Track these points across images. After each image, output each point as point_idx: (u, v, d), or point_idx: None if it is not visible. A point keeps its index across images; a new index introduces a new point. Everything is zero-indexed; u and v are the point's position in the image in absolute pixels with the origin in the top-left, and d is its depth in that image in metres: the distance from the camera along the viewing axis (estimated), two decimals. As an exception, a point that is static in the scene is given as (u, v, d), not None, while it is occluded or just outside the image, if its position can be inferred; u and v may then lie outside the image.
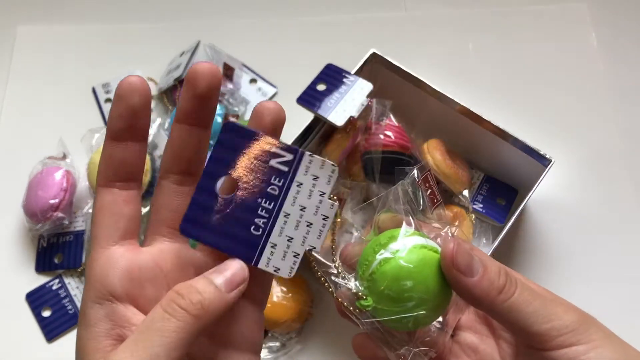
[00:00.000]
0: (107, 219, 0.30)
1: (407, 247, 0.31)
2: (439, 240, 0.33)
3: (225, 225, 0.30)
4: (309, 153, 0.30)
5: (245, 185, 0.30)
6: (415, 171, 0.34)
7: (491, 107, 0.69)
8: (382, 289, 0.30)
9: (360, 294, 0.31)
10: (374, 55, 0.67)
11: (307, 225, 0.30)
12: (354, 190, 0.68)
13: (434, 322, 0.34)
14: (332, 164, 0.30)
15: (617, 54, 0.84)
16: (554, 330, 0.30)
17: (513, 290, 0.31)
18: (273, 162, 0.30)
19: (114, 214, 0.30)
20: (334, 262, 0.32)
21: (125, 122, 0.29)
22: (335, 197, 0.30)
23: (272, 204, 0.30)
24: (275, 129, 0.31)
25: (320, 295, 0.68)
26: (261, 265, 0.30)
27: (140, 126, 0.30)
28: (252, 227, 0.30)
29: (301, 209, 0.30)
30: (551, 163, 0.61)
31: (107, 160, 0.30)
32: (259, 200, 0.30)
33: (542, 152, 0.62)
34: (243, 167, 0.30)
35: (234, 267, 0.29)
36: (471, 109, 0.64)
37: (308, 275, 0.67)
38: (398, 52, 0.70)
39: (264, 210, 0.30)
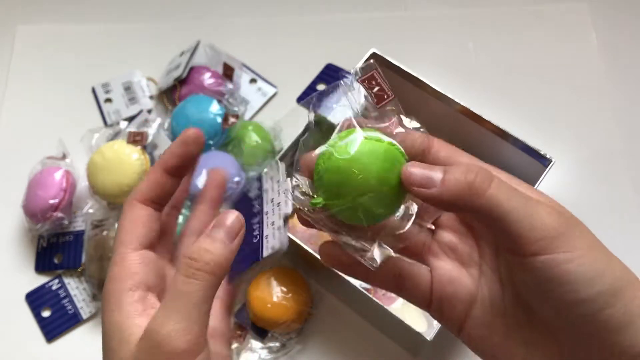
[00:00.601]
0: (139, 228, 0.35)
1: (349, 141, 0.30)
2: (396, 132, 0.32)
3: (240, 253, 0.34)
4: (265, 171, 0.40)
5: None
6: (355, 69, 0.34)
7: (491, 107, 0.69)
8: (327, 183, 0.30)
9: (311, 194, 0.31)
10: (374, 55, 0.67)
11: (278, 205, 0.37)
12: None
13: (398, 215, 0.32)
14: (277, 161, 0.38)
15: (617, 54, 0.84)
16: (534, 232, 0.27)
17: (487, 185, 0.28)
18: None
19: (146, 226, 0.35)
20: (293, 175, 0.32)
21: (181, 162, 0.37)
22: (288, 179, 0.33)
23: (259, 216, 0.38)
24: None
25: (320, 295, 0.68)
26: (265, 255, 0.35)
27: (188, 167, 0.38)
28: (253, 238, 0.37)
29: (272, 201, 0.38)
30: (551, 163, 0.61)
31: (152, 184, 0.36)
32: (252, 221, 0.39)
33: (542, 152, 0.62)
34: None
35: (230, 218, 0.32)
36: (471, 109, 0.64)
37: (308, 275, 0.67)
38: (398, 52, 0.70)
39: (256, 224, 0.38)
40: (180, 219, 0.43)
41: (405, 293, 0.34)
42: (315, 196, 0.31)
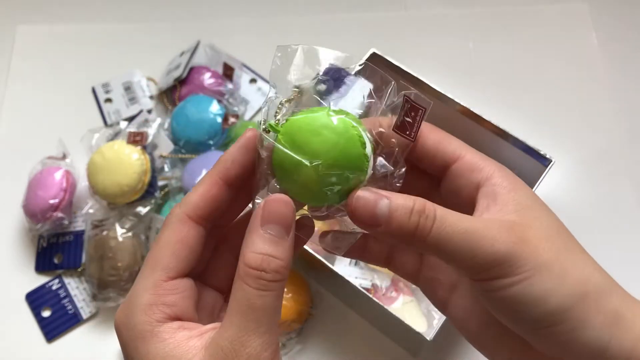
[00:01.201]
0: (185, 252, 0.29)
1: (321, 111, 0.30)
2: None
3: None
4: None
5: None
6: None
7: (491, 107, 0.68)
8: (280, 176, 0.30)
9: (272, 124, 0.30)
10: (374, 55, 0.67)
11: None
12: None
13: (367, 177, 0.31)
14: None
15: (617, 54, 0.84)
16: (479, 265, 0.28)
17: (429, 227, 0.28)
18: None
19: (194, 250, 0.30)
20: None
21: (244, 172, 0.30)
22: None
23: None
24: None
25: (320, 295, 0.68)
26: None
27: (249, 179, 0.31)
28: None
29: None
30: (551, 163, 0.61)
31: (209, 198, 0.30)
32: None
33: (542, 152, 0.61)
34: None
35: (280, 207, 0.28)
36: (471, 109, 0.64)
37: (308, 275, 0.67)
38: (398, 52, 0.70)
39: None
40: None
41: (394, 268, 0.36)
42: (274, 126, 0.30)
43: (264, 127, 0.30)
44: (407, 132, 0.31)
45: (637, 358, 0.28)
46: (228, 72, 0.79)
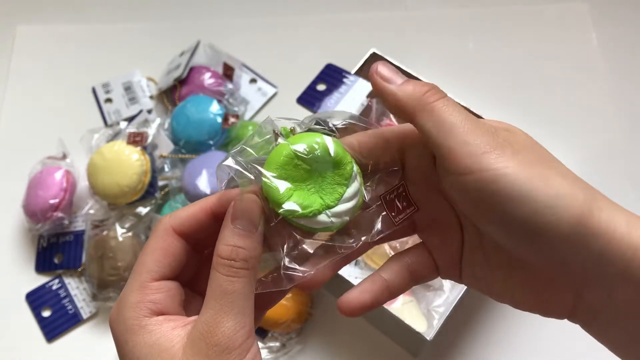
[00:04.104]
0: (168, 259, 0.32)
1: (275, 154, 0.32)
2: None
3: None
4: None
5: None
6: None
7: (491, 106, 0.69)
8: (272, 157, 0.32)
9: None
10: (374, 55, 0.67)
11: None
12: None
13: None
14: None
15: (617, 54, 0.84)
16: (466, 147, 0.28)
17: (437, 98, 0.30)
18: None
19: (177, 259, 0.32)
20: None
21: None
22: None
23: None
24: None
25: (320, 295, 0.68)
26: None
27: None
28: None
29: None
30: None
31: (193, 219, 0.33)
32: None
33: (542, 152, 0.61)
34: None
35: (248, 206, 0.31)
36: (471, 109, 0.64)
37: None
38: (398, 51, 0.70)
39: None
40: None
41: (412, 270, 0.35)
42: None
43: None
44: (393, 214, 0.33)
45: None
46: (228, 72, 0.79)
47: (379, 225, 0.32)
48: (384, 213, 0.33)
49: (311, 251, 0.33)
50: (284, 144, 0.31)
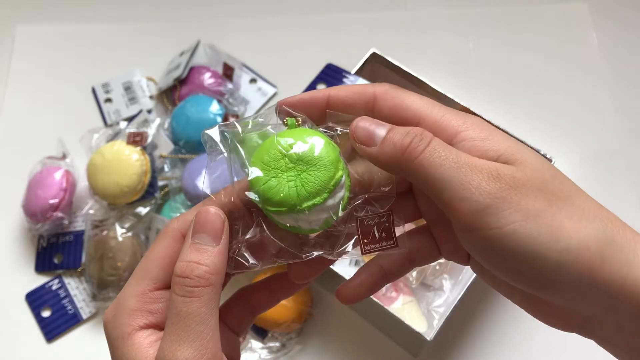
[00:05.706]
0: (172, 266, 0.30)
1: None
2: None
3: None
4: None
5: None
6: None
7: (491, 107, 0.69)
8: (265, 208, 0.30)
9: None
10: (374, 55, 0.67)
11: None
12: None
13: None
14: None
15: (617, 54, 0.84)
16: (465, 203, 0.26)
17: (421, 149, 0.27)
18: None
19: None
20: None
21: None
22: None
23: None
24: None
25: (320, 295, 0.68)
26: None
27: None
28: None
29: None
30: (551, 163, 0.61)
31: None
32: None
33: (542, 152, 0.61)
34: None
35: (210, 218, 0.29)
36: (471, 109, 0.64)
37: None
38: (398, 52, 0.70)
39: None
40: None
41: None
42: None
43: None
44: (365, 241, 0.30)
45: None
46: (228, 72, 0.79)
47: (349, 247, 0.30)
48: (356, 237, 0.30)
49: (270, 248, 0.31)
50: (274, 134, 0.30)
